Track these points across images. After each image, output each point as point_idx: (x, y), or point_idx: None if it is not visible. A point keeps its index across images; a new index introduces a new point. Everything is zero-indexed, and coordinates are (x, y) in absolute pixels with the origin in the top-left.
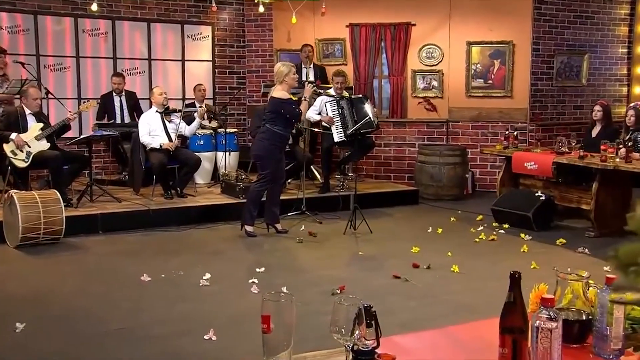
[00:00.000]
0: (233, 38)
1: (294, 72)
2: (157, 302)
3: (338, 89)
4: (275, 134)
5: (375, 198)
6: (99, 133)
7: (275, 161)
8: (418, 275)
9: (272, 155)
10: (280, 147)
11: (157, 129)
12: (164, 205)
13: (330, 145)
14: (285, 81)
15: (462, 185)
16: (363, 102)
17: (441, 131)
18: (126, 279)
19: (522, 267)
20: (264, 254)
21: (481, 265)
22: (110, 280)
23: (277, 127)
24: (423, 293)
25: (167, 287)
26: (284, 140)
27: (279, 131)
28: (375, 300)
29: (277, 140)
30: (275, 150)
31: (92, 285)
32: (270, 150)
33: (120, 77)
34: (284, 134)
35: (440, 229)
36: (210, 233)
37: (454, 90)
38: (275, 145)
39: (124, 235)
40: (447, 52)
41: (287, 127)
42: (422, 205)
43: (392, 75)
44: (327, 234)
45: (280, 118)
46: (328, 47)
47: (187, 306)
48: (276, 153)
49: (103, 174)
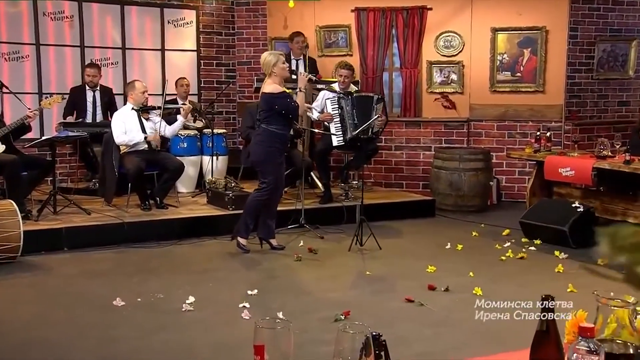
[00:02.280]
0: (221, 24)
1: (282, 60)
2: (133, 330)
3: (342, 83)
4: (272, 135)
5: (384, 209)
6: (64, 134)
7: (276, 165)
8: (434, 299)
9: (272, 159)
10: (281, 149)
11: (134, 129)
12: (140, 218)
13: (327, 148)
14: (274, 72)
15: (485, 195)
16: (370, 103)
17: (461, 132)
18: (96, 304)
19: (556, 291)
20: (256, 274)
21: (508, 288)
22: (77, 306)
23: (274, 127)
24: (440, 319)
25: (144, 313)
26: (284, 141)
27: (276, 130)
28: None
29: (275, 142)
30: (275, 153)
31: (55, 312)
32: (269, 153)
33: (95, 68)
34: (282, 133)
35: (460, 245)
36: (194, 250)
37: (477, 85)
38: (274, 147)
39: (94, 253)
40: (468, 41)
41: (286, 125)
42: (439, 218)
43: (405, 67)
44: (329, 250)
45: (275, 115)
46: (330, 36)
47: (167, 335)
48: (276, 156)
49: (69, 182)
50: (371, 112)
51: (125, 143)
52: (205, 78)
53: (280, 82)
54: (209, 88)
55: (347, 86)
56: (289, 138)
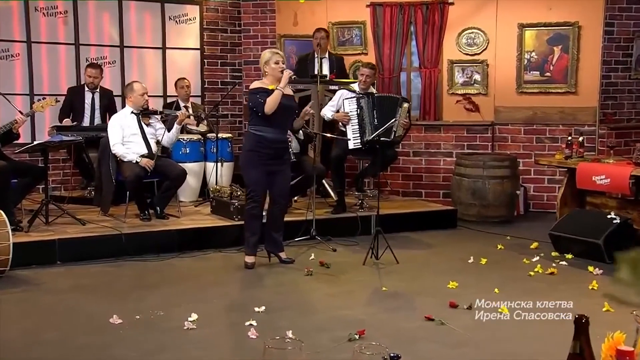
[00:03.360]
0: (226, 21)
1: (275, 60)
2: (131, 351)
3: (363, 83)
4: (252, 137)
5: (402, 220)
6: (57, 138)
7: (258, 172)
8: (457, 318)
9: (251, 165)
10: (264, 154)
11: (132, 136)
12: (139, 229)
13: (343, 152)
14: (266, 72)
15: (511, 205)
16: (394, 105)
17: (485, 137)
18: (91, 322)
19: (590, 310)
20: (264, 290)
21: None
22: (71, 324)
23: (254, 128)
24: (463, 340)
25: (143, 332)
26: (267, 144)
27: (256, 132)
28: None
29: (254, 145)
30: (254, 157)
31: (47, 331)
32: (248, 158)
33: (97, 69)
34: (261, 135)
35: (484, 259)
36: (197, 263)
37: (502, 86)
38: (253, 151)
39: (89, 267)
40: (493, 38)
41: (266, 125)
42: (461, 229)
43: (424, 67)
44: (342, 264)
45: (254, 115)
46: (344, 33)
47: (168, 356)
48: (256, 161)
49: (62, 190)
50: (395, 114)
51: (119, 155)
52: (209, 78)
53: (274, 82)
54: (213, 89)
55: (368, 87)
56: (274, 141)
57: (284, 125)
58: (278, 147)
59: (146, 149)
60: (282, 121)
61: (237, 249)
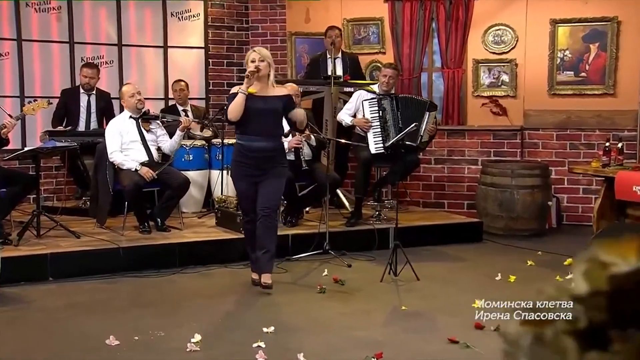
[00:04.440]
0: (232, 17)
1: (251, 58)
2: None
3: (385, 85)
4: (235, 146)
5: (423, 233)
6: (50, 144)
7: (244, 184)
8: (483, 340)
9: (237, 176)
10: (247, 164)
11: (132, 143)
12: (138, 242)
13: (369, 158)
14: None
15: (543, 217)
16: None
17: (514, 142)
18: (85, 344)
19: None
20: (273, 309)
21: None
22: (64, 346)
23: (237, 136)
24: None
25: (142, 354)
26: (248, 153)
27: (237, 141)
28: None
29: (237, 154)
30: (239, 168)
31: (38, 353)
32: (233, 169)
33: (93, 69)
34: (243, 144)
35: (512, 276)
36: (201, 279)
37: (532, 87)
38: (237, 161)
39: (83, 283)
40: (522, 35)
41: (246, 132)
42: (488, 244)
43: (447, 67)
44: (358, 281)
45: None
46: (360, 30)
47: None
48: (241, 172)
49: (55, 200)
50: (422, 119)
51: (117, 164)
52: (214, 79)
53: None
54: (219, 91)
55: (390, 89)
56: (256, 150)
57: (266, 132)
58: (261, 156)
59: (147, 156)
60: (262, 127)
61: (244, 264)
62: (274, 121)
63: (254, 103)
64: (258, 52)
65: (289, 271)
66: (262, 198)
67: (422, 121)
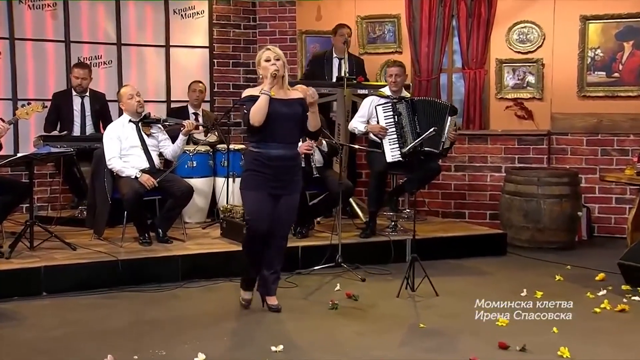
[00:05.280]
0: (239, 15)
1: (266, 57)
2: None
3: (393, 85)
4: (250, 155)
5: (442, 245)
6: (44, 150)
7: (259, 195)
8: None
9: (251, 186)
10: (266, 174)
11: (131, 148)
12: (138, 254)
13: (384, 167)
14: (261, 75)
15: (572, 228)
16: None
17: (540, 148)
18: None
19: None
20: (282, 326)
21: (604, 349)
22: None
23: (251, 144)
24: None
25: None
26: (268, 162)
27: (251, 149)
28: None
29: (253, 163)
30: (254, 179)
31: None
32: (246, 179)
33: (85, 69)
34: (262, 152)
35: (539, 292)
36: (204, 294)
37: (560, 89)
38: (253, 170)
39: (79, 299)
40: (550, 33)
41: (265, 139)
42: (512, 257)
43: (468, 67)
44: (372, 296)
45: (248, 129)
46: (375, 29)
47: None
48: (257, 182)
49: (49, 209)
50: (443, 123)
51: (116, 171)
52: (220, 81)
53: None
54: (224, 93)
55: (399, 89)
56: (276, 158)
57: (287, 138)
58: (281, 165)
59: (147, 162)
60: (284, 133)
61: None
62: (295, 127)
63: (274, 107)
64: (273, 50)
65: (299, 286)
66: (280, 220)
67: (443, 126)
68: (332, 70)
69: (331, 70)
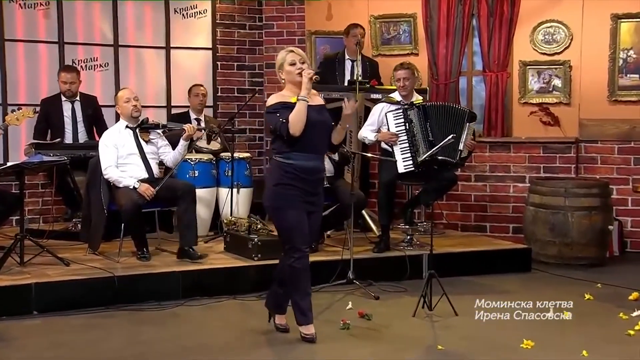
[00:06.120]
0: (244, 15)
1: (290, 60)
2: None
3: (402, 89)
4: (280, 168)
5: (461, 261)
6: (36, 158)
7: (296, 213)
8: None
9: (286, 204)
10: (302, 188)
11: (129, 156)
12: (136, 270)
13: (393, 178)
14: (283, 79)
15: (602, 243)
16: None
17: (568, 157)
18: None
19: None
20: (290, 347)
21: None
22: None
23: (281, 155)
24: None
25: None
26: (302, 175)
27: (282, 160)
28: None
29: (283, 177)
30: (289, 194)
31: None
32: (278, 195)
33: (72, 72)
34: (295, 164)
35: (567, 312)
36: (207, 313)
37: (590, 93)
38: (286, 185)
39: (73, 318)
40: (578, 33)
41: (298, 150)
42: (537, 274)
43: (489, 70)
44: (387, 316)
45: (277, 138)
46: (389, 29)
47: None
48: (292, 198)
49: (41, 222)
50: (461, 131)
51: (113, 180)
52: (223, 85)
53: (295, 92)
54: (228, 98)
55: (409, 94)
56: (311, 171)
57: (320, 148)
58: (315, 179)
59: (146, 172)
60: (317, 142)
61: (256, 296)
62: (327, 135)
63: (309, 114)
64: (297, 52)
65: None
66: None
67: (460, 133)
68: (344, 73)
69: (343, 73)
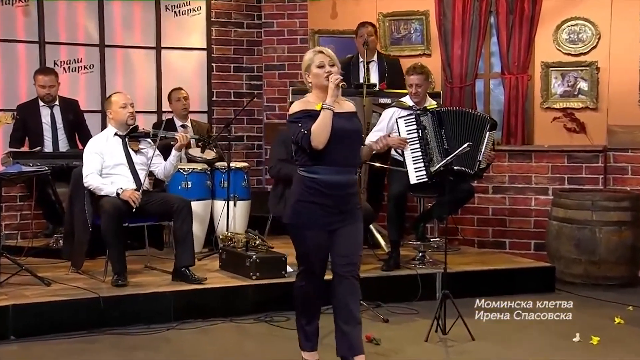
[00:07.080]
0: (241, 12)
1: (318, 62)
2: None
3: (414, 95)
4: (302, 182)
5: (478, 280)
6: (15, 168)
7: (315, 235)
8: None
9: (304, 224)
10: (326, 205)
11: (116, 167)
12: (123, 291)
13: (404, 190)
14: (310, 83)
15: (634, 261)
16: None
17: (595, 167)
18: None
19: None
20: None
21: None
22: None
23: (304, 168)
24: None
25: None
26: (326, 190)
27: (306, 175)
28: None
29: (306, 192)
30: (311, 211)
31: None
32: (298, 213)
33: (50, 75)
34: (318, 178)
35: (595, 337)
36: (200, 337)
37: (619, 97)
38: (307, 202)
39: (54, 343)
40: (606, 31)
41: (323, 162)
42: (563, 294)
43: (509, 72)
44: (397, 339)
45: (300, 150)
46: (399, 27)
47: None
48: (312, 217)
49: (19, 238)
50: (480, 139)
51: (93, 188)
52: (219, 88)
53: (321, 98)
54: (224, 103)
55: (421, 99)
56: (336, 185)
57: (350, 160)
58: (341, 195)
59: (134, 183)
60: (345, 155)
61: (254, 318)
62: (358, 146)
63: (336, 122)
64: (327, 54)
65: None
66: (345, 250)
67: (480, 142)
68: (359, 78)
69: (358, 77)
